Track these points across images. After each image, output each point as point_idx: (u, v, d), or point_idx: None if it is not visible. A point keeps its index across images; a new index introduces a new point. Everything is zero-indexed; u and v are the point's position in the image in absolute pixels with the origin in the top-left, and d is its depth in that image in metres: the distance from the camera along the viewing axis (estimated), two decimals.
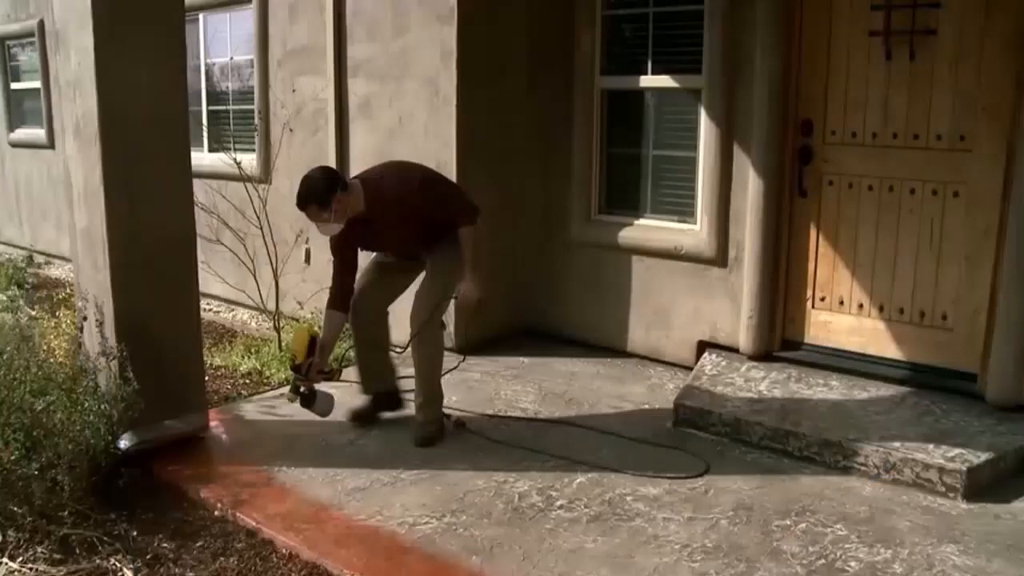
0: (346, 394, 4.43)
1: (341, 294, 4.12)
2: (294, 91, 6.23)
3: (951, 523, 3.45)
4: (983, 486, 3.68)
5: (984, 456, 3.75)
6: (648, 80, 5.31)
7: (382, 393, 4.49)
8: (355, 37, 5.86)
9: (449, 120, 5.37)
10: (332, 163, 5.98)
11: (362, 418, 4.44)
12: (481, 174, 5.46)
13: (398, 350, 4.34)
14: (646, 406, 4.57)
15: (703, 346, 5.10)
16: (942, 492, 3.67)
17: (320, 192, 3.86)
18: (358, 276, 4.21)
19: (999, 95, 4.23)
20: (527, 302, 5.87)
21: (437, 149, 5.41)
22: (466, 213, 4.18)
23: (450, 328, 5.48)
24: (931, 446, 3.83)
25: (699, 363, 4.92)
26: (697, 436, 4.23)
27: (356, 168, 5.90)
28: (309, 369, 4.02)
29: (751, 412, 4.20)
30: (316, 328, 3.98)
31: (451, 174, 5.32)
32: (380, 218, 4.02)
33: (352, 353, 4.45)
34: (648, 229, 5.37)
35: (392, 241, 4.26)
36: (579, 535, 3.31)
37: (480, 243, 5.47)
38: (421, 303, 4.12)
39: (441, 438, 4.21)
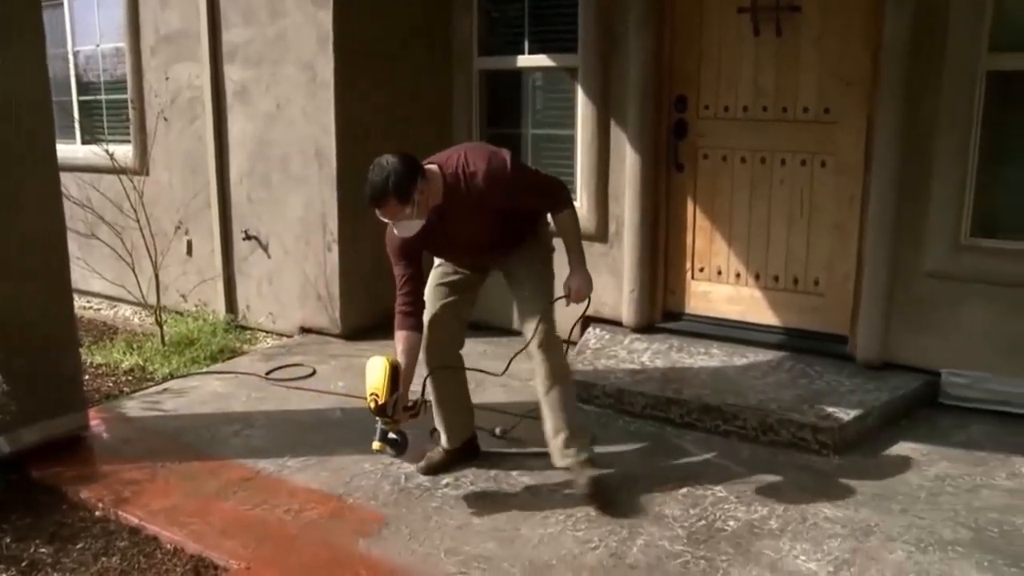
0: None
1: (415, 308, 3.38)
2: (167, 79, 6.06)
3: (824, 478, 3.61)
4: (853, 441, 3.87)
5: (853, 413, 3.93)
6: (526, 60, 5.36)
7: (467, 442, 3.79)
8: (230, 22, 5.73)
9: (328, 105, 5.30)
10: (210, 152, 5.87)
11: (437, 471, 3.70)
12: (364, 159, 5.36)
13: (496, 374, 3.68)
14: (532, 382, 4.62)
15: (588, 321, 5.18)
16: (816, 450, 3.83)
17: (401, 182, 3.14)
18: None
19: (860, 70, 4.41)
20: None
21: (316, 134, 5.35)
22: (563, 197, 3.50)
23: (335, 314, 5.47)
24: (805, 406, 3.99)
25: (583, 338, 5.01)
26: (582, 409, 4.27)
27: (235, 157, 5.80)
28: (395, 408, 3.31)
29: (634, 383, 4.30)
30: (395, 357, 3.31)
31: (331, 159, 5.29)
32: (459, 211, 3.31)
33: (430, 395, 3.65)
34: None
35: (468, 240, 3.48)
36: (465, 511, 3.35)
37: (363, 228, 5.46)
38: (535, 315, 3.42)
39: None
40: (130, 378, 5.08)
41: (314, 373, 4.90)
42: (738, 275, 4.91)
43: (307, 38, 5.33)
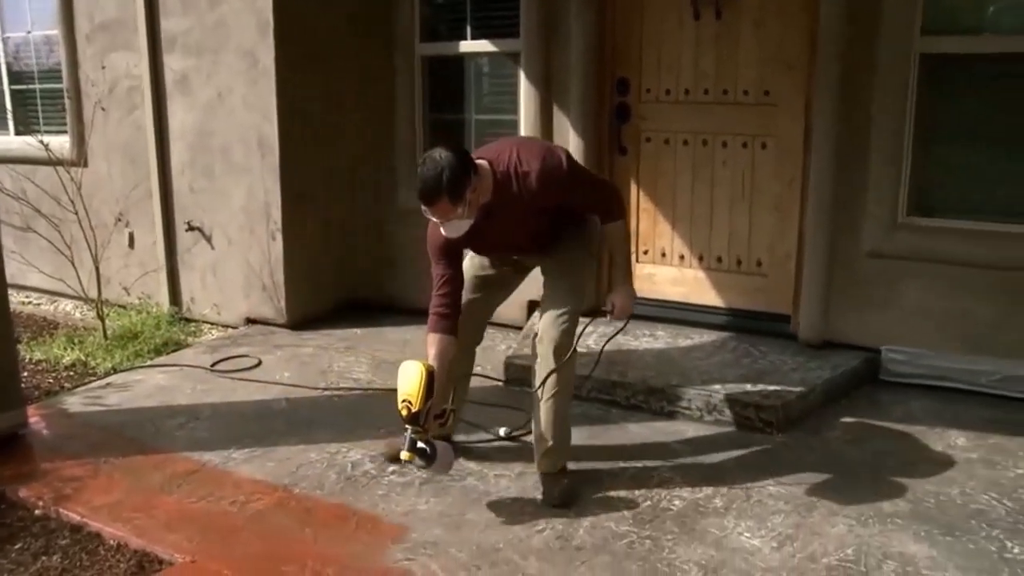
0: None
1: (451, 312, 3.22)
2: (104, 68, 5.94)
3: (768, 456, 3.67)
4: (796, 419, 3.93)
5: (796, 391, 3.99)
6: (468, 45, 5.33)
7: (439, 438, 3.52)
8: (168, 10, 5.62)
9: (269, 93, 5.24)
10: (151, 142, 5.77)
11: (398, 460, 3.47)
12: (308, 147, 5.38)
13: (529, 389, 3.44)
14: (478, 368, 4.61)
15: (533, 305, 5.17)
16: (760, 428, 3.88)
17: (455, 180, 2.92)
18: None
19: (798, 53, 4.46)
20: (361, 273, 5.82)
21: (258, 123, 5.29)
22: (618, 203, 3.37)
23: (281, 304, 5.42)
24: (749, 386, 4.05)
25: (529, 322, 5.02)
26: (529, 393, 4.29)
27: (176, 147, 5.72)
28: (427, 416, 3.13)
29: (580, 366, 4.30)
30: (428, 361, 3.15)
31: (274, 148, 5.23)
32: (507, 210, 3.13)
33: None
34: None
35: (513, 240, 3.32)
36: (412, 498, 3.35)
37: (307, 216, 5.43)
38: (560, 316, 3.25)
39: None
40: (71, 373, 4.99)
41: (260, 364, 4.86)
42: (682, 257, 4.95)
43: (247, 26, 5.25)
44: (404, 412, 3.06)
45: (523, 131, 5.12)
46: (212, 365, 4.86)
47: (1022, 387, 4.16)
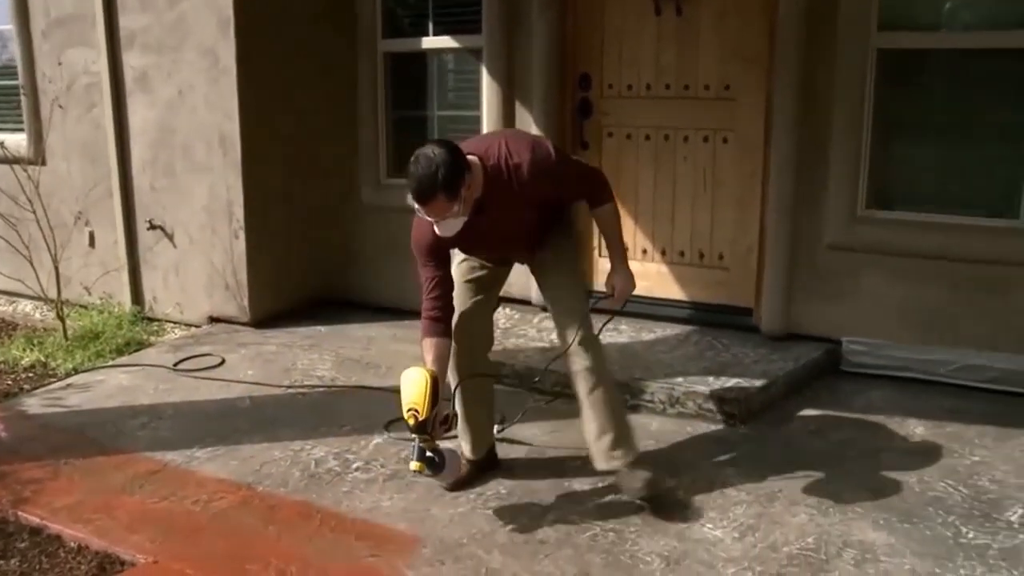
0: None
1: (444, 314, 3.11)
2: (61, 64, 5.86)
3: (730, 447, 3.70)
4: (758, 411, 3.97)
5: (758, 383, 4.03)
6: (430, 42, 5.33)
7: (489, 450, 3.52)
8: (127, 6, 5.56)
9: (231, 91, 5.20)
10: (110, 141, 5.72)
11: (463, 486, 3.38)
12: (271, 144, 5.35)
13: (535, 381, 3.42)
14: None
15: (497, 300, 5.19)
16: (722, 420, 3.92)
17: (451, 177, 2.82)
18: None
19: (758, 48, 4.50)
20: (324, 271, 5.80)
21: (220, 121, 5.25)
22: (607, 189, 3.30)
23: (244, 302, 5.38)
24: (711, 378, 4.08)
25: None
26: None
27: (137, 145, 5.66)
28: (435, 424, 3.00)
29: (544, 360, 4.31)
30: (430, 367, 3.02)
31: (236, 146, 5.20)
32: (498, 205, 3.05)
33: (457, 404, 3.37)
34: None
35: (502, 234, 3.22)
36: (376, 494, 3.35)
37: (270, 214, 5.40)
38: (576, 313, 3.21)
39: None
40: (31, 375, 4.93)
41: (223, 363, 4.83)
42: (644, 251, 4.98)
43: (207, 23, 5.21)
44: (411, 421, 2.94)
45: (486, 127, 5.12)
46: (175, 364, 4.82)
47: (979, 376, 4.23)
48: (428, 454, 2.97)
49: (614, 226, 3.34)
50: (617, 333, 4.66)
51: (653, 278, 4.96)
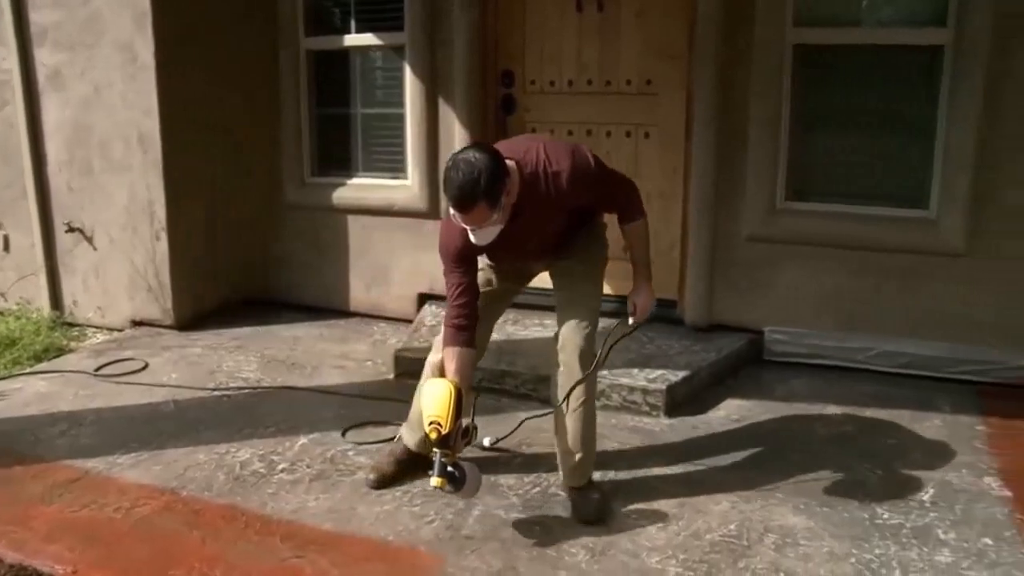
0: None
1: (470, 322, 3.01)
2: None
3: (655, 438, 3.75)
4: (682, 402, 4.02)
5: (681, 374, 4.09)
6: (353, 39, 5.30)
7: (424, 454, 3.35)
8: (36, 2, 5.43)
9: (149, 87, 5.09)
10: (23, 140, 5.57)
11: (386, 482, 3.36)
12: (192, 143, 5.24)
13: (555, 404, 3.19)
14: (369, 363, 4.62)
15: (424, 298, 5.20)
16: (647, 411, 3.96)
17: (493, 184, 2.71)
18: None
19: (678, 43, 4.56)
20: (250, 271, 5.72)
21: (138, 119, 5.13)
22: (639, 199, 3.17)
23: (167, 304, 5.29)
24: (635, 370, 4.12)
25: (419, 315, 5.02)
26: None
27: (52, 144, 5.53)
28: (456, 438, 2.91)
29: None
30: (454, 379, 2.93)
31: (156, 144, 5.09)
32: (532, 212, 2.94)
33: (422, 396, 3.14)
34: (362, 188, 5.39)
35: (532, 242, 3.12)
36: (301, 495, 3.31)
37: (193, 214, 5.31)
38: (583, 320, 3.13)
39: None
40: None
41: (147, 367, 4.73)
42: None
43: (123, 18, 5.09)
44: (434, 435, 2.85)
45: (410, 125, 5.11)
46: (96, 369, 4.71)
47: (896, 362, 4.35)
48: (449, 469, 2.87)
49: (645, 243, 3.22)
50: (542, 328, 4.68)
51: None
